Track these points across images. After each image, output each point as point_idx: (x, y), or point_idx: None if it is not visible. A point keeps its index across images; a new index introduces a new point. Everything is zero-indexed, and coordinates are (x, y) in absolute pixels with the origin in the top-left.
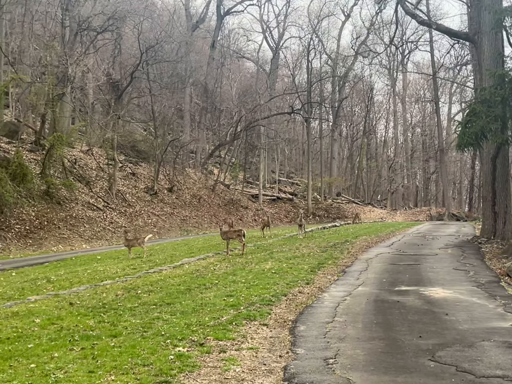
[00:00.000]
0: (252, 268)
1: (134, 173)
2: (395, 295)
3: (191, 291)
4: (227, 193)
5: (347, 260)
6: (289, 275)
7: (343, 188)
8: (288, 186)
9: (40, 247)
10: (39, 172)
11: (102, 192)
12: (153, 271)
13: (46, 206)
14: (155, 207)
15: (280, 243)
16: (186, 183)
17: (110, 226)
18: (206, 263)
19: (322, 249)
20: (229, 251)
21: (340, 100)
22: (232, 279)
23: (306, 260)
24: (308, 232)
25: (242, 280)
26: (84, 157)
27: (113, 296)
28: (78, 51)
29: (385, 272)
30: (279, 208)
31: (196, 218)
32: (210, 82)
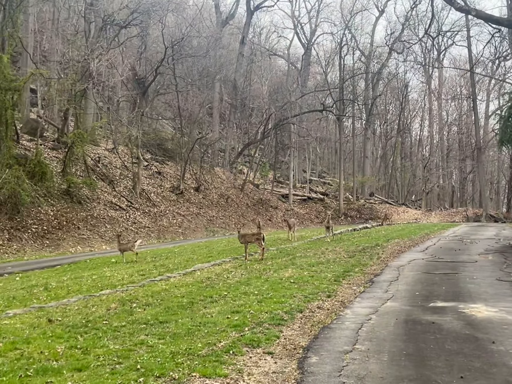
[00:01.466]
0: (269, 276)
1: (160, 172)
2: (429, 314)
3: (194, 305)
4: (256, 192)
5: (376, 267)
6: (309, 285)
7: (376, 188)
8: (320, 186)
9: (57, 248)
10: (61, 170)
11: (125, 191)
12: (159, 279)
13: (66, 206)
14: (180, 207)
15: (305, 246)
16: (213, 182)
17: (133, 226)
18: (221, 270)
19: (349, 254)
20: (247, 256)
21: (374, 98)
22: (244, 290)
23: (330, 267)
24: (337, 234)
25: (254, 292)
26: (109, 155)
27: (103, 311)
28: (102, 46)
29: (418, 283)
30: (309, 209)
31: (223, 218)
32: (239, 79)
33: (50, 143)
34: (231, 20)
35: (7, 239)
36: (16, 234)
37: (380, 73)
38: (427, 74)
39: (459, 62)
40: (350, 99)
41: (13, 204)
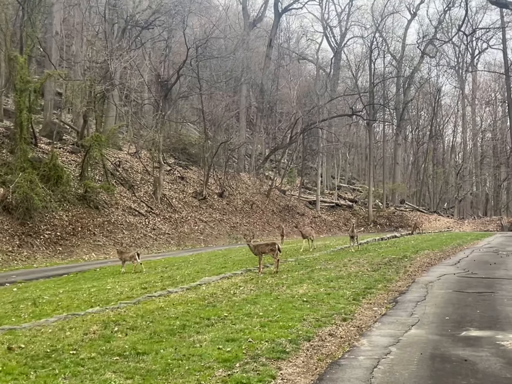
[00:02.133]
0: (280, 293)
1: (183, 177)
2: (461, 347)
3: (185, 330)
4: (283, 199)
5: (402, 283)
6: (324, 305)
7: (407, 196)
8: (349, 193)
9: (70, 255)
10: (79, 174)
11: (146, 197)
12: (159, 295)
13: (82, 211)
14: (203, 213)
15: (327, 257)
16: (238, 188)
17: (152, 233)
18: (229, 284)
19: (374, 266)
20: (261, 268)
21: (405, 103)
22: (248, 310)
23: (351, 282)
24: (363, 244)
25: (259, 313)
26: (130, 159)
27: (79, 336)
28: (122, 47)
29: (449, 305)
30: (337, 216)
31: (248, 225)
32: (266, 82)
33: (69, 146)
34: (258, 23)
35: (18, 245)
36: (28, 240)
37: (412, 77)
38: (461, 78)
39: (493, 66)
40: (380, 103)
41: (25, 209)
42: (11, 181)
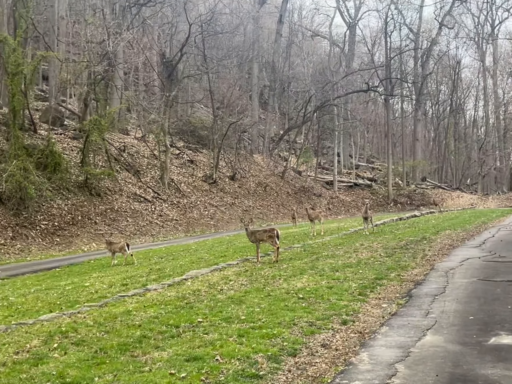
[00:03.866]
0: (275, 288)
1: (193, 161)
2: (490, 362)
3: (143, 344)
4: (298, 180)
5: (418, 270)
6: (323, 303)
7: (428, 173)
8: (368, 172)
9: (68, 246)
10: (80, 161)
11: (152, 182)
12: (133, 294)
13: (83, 199)
14: (213, 197)
15: (338, 242)
16: (251, 170)
17: (158, 219)
18: (218, 278)
19: (388, 251)
20: (259, 258)
21: (424, 77)
22: (230, 312)
23: (359, 271)
24: (379, 225)
25: (242, 316)
26: (137, 144)
27: (8, 355)
28: (121, 26)
29: (473, 299)
30: (356, 196)
31: (261, 208)
32: (277, 60)
33: (71, 132)
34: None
35: (11, 238)
36: (22, 231)
37: (430, 50)
38: (481, 50)
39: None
40: (397, 78)
41: (19, 199)
42: (4, 170)
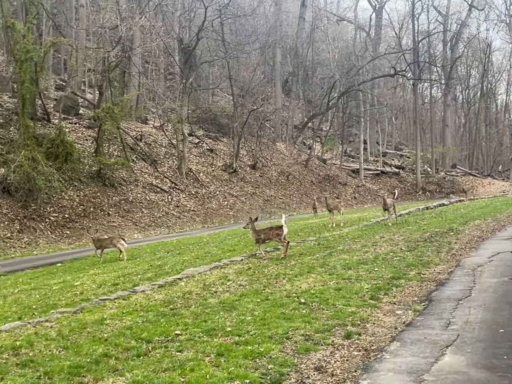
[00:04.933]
0: (275, 289)
1: (212, 150)
2: None
3: (99, 366)
4: (323, 168)
5: (442, 268)
6: (327, 309)
7: (459, 159)
8: (396, 159)
9: (79, 238)
10: (94, 150)
11: (170, 172)
12: (115, 297)
13: (96, 190)
14: (233, 186)
15: (356, 234)
16: (273, 158)
17: (175, 210)
18: (216, 277)
19: (410, 245)
20: (263, 254)
21: (453, 60)
22: (215, 322)
23: (375, 269)
24: (403, 215)
25: (228, 328)
26: (155, 133)
27: None
28: (133, 10)
29: (504, 304)
30: (383, 184)
31: (283, 197)
32: (301, 45)
33: (85, 121)
34: None
35: (18, 231)
36: (30, 224)
37: (459, 33)
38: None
39: None
40: (426, 61)
41: (27, 190)
42: (13, 160)
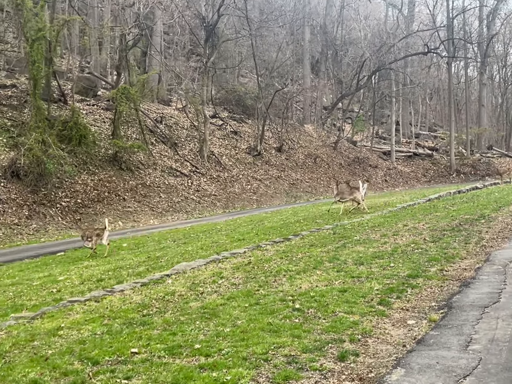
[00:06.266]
0: (272, 290)
1: (236, 132)
2: None
3: None
4: (353, 150)
5: (469, 262)
6: (325, 316)
7: (495, 140)
8: (430, 141)
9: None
10: (111, 133)
11: (191, 155)
12: (87, 298)
13: (111, 174)
14: (257, 170)
15: (378, 221)
16: (300, 140)
17: (195, 195)
18: (210, 273)
19: (435, 234)
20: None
21: (489, 37)
22: (186, 335)
23: (391, 265)
24: (433, 199)
25: (197, 343)
26: (177, 115)
27: None
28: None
29: None
30: (415, 166)
31: (310, 181)
32: (330, 24)
33: (104, 103)
34: None
35: (26, 217)
36: (39, 210)
37: (496, 9)
38: None
39: None
40: (460, 38)
41: (37, 175)
42: (24, 144)
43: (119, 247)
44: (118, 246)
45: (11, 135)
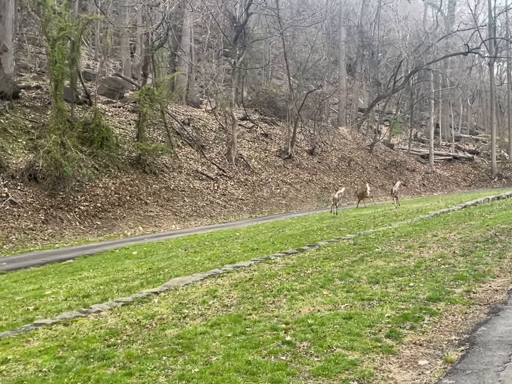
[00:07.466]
0: (266, 314)
1: (267, 134)
2: None
3: None
4: (389, 154)
5: (502, 282)
6: (319, 353)
7: None
8: (471, 144)
9: (111, 229)
10: (136, 135)
11: (218, 158)
12: (55, 322)
13: (134, 177)
14: (287, 173)
15: (405, 230)
16: (334, 143)
17: (221, 199)
18: (203, 291)
19: (466, 246)
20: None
21: None
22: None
23: (410, 284)
24: (469, 206)
25: None
26: (206, 117)
27: None
28: None
29: None
30: (455, 170)
31: (343, 185)
32: (366, 23)
33: (130, 104)
34: None
35: (42, 221)
36: (56, 214)
37: None
38: None
39: None
40: (503, 37)
41: (55, 178)
42: (43, 146)
43: (128, 256)
44: (127, 254)
45: (31, 137)
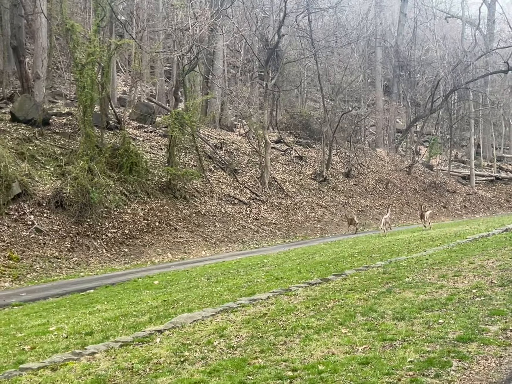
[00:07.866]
0: (274, 358)
1: (302, 157)
2: None
3: None
4: (428, 175)
5: None
6: None
7: None
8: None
9: (139, 257)
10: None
11: (251, 182)
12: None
13: (163, 202)
14: (323, 196)
15: (440, 257)
16: (371, 165)
17: (253, 223)
18: (211, 330)
19: (506, 275)
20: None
21: None
22: None
23: (439, 321)
24: (511, 229)
25: None
26: (240, 141)
27: None
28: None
29: None
30: (498, 191)
31: (380, 208)
32: (402, 43)
33: (161, 129)
34: None
35: (68, 249)
36: (83, 242)
37: None
38: None
39: None
40: None
41: (83, 205)
42: (70, 172)
43: (148, 285)
44: (148, 284)
45: (59, 164)
